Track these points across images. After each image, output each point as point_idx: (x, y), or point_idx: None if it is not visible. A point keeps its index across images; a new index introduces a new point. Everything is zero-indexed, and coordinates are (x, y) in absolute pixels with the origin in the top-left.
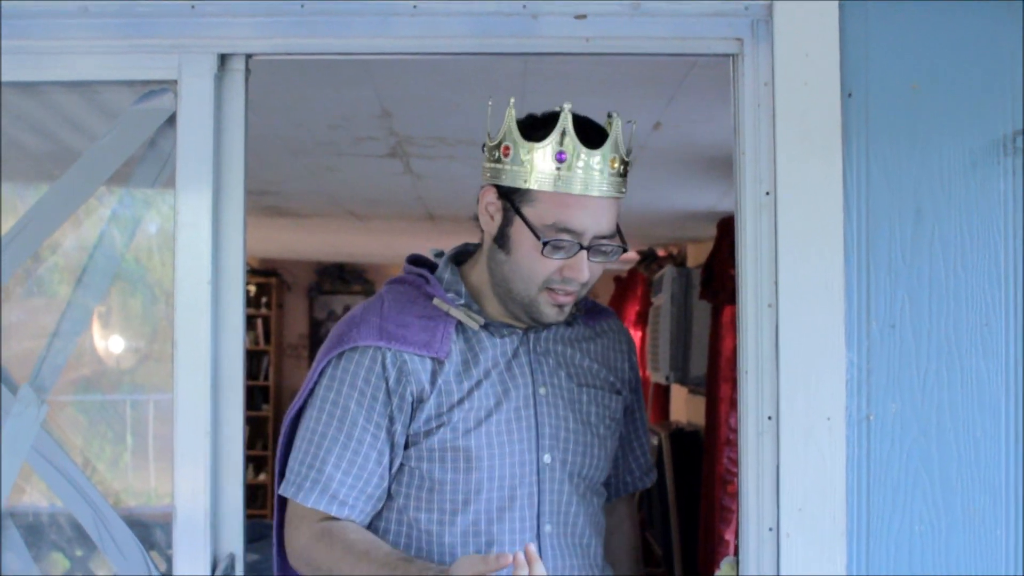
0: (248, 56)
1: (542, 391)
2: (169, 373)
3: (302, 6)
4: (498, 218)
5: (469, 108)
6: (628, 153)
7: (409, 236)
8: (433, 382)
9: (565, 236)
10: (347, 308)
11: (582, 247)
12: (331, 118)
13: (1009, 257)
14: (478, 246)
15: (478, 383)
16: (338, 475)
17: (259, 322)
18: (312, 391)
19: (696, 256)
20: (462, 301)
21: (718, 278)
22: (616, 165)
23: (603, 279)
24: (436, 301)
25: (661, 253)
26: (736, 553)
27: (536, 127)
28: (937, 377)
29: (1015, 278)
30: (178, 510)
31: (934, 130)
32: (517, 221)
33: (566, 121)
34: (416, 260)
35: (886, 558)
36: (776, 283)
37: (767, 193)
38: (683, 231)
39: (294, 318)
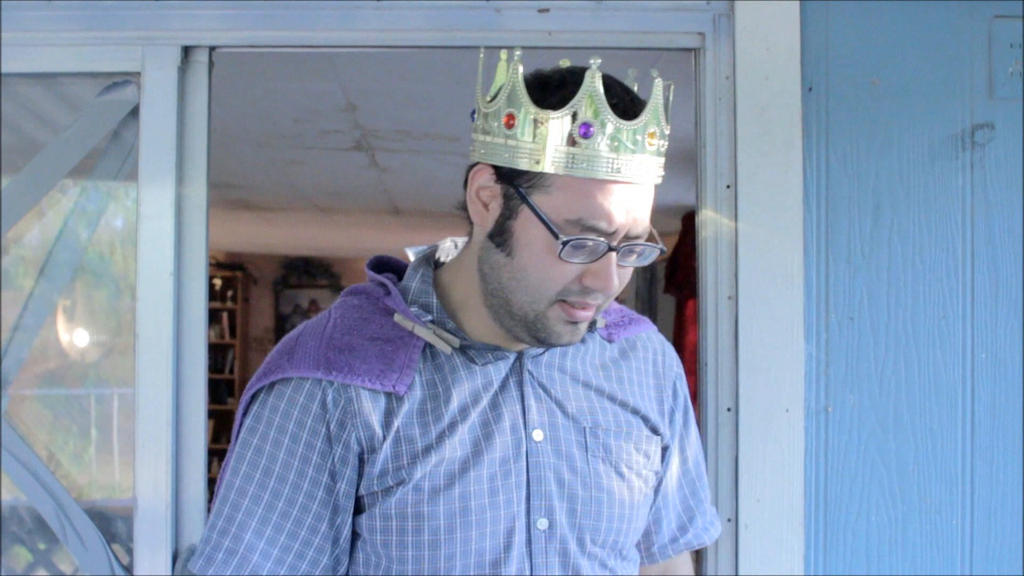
0: (212, 48)
1: (537, 436)
2: (133, 367)
3: None
4: (495, 208)
5: (434, 101)
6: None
7: (375, 230)
8: (388, 425)
9: (591, 235)
10: (313, 302)
11: (611, 248)
12: (296, 111)
13: (967, 251)
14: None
15: (450, 426)
16: (260, 544)
17: (224, 316)
18: (237, 434)
19: None
20: (430, 317)
21: (682, 272)
22: (655, 141)
23: None
24: (398, 317)
25: None
26: None
27: (550, 89)
28: (895, 369)
29: (972, 272)
30: (139, 503)
31: (893, 124)
32: (524, 213)
33: (594, 83)
34: (380, 264)
35: (843, 548)
36: (736, 275)
37: (727, 186)
38: None
39: (260, 312)
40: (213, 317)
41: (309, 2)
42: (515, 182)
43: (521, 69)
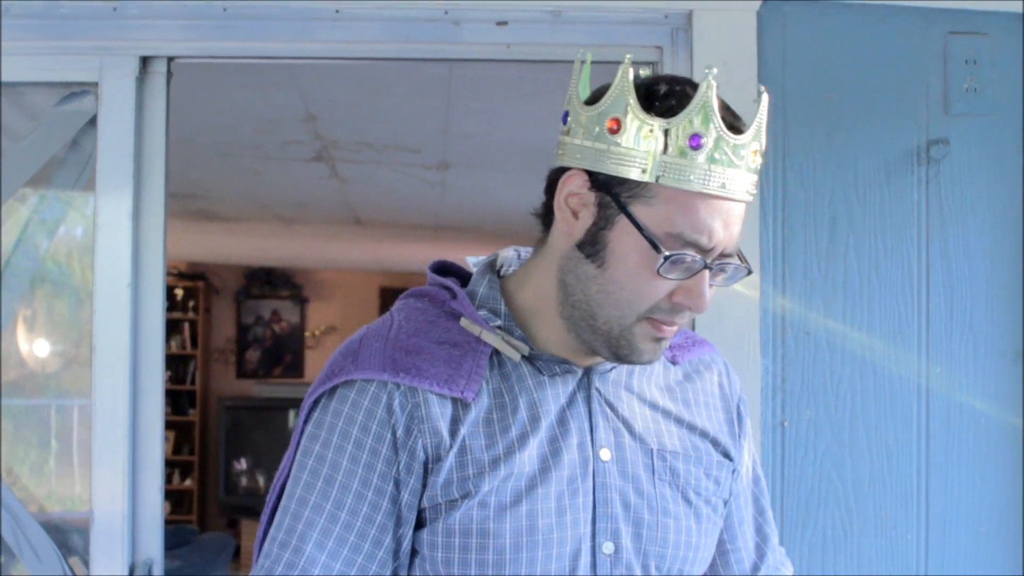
0: (170, 59)
1: (604, 455)
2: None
3: (224, 9)
4: (587, 216)
5: (395, 113)
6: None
7: (337, 241)
8: (454, 433)
9: (691, 252)
10: (275, 312)
11: (707, 266)
12: (257, 122)
13: (922, 266)
14: (529, 253)
15: (519, 439)
16: (322, 557)
17: (186, 326)
18: (298, 443)
19: None
20: (499, 322)
21: None
22: (757, 159)
23: None
24: (464, 322)
25: None
26: None
27: (660, 97)
28: (851, 384)
29: (927, 286)
30: (95, 515)
31: (850, 140)
32: (621, 223)
33: (708, 93)
34: (442, 268)
35: (799, 562)
36: None
37: None
38: None
39: (222, 322)
40: (174, 328)
41: (268, 13)
42: (614, 191)
43: (632, 74)
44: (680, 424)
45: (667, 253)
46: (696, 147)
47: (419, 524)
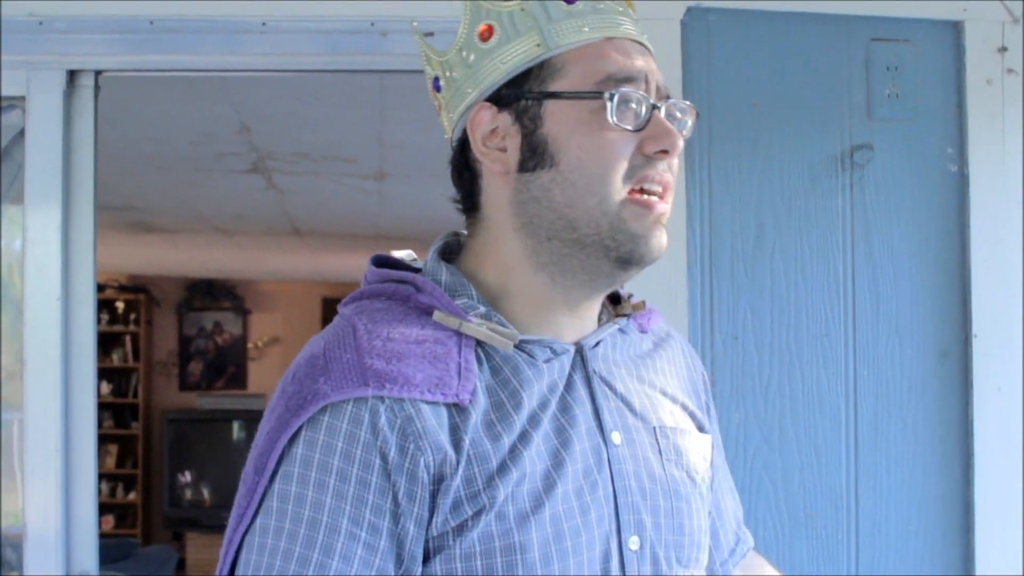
0: (97, 72)
1: (615, 438)
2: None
3: (151, 23)
4: (514, 136)
5: (330, 123)
6: None
7: (278, 252)
8: (457, 444)
9: (628, 87)
10: (217, 324)
11: (654, 106)
12: (191, 134)
13: (847, 269)
14: (464, 237)
15: (522, 437)
16: None
17: (128, 339)
18: (265, 490)
19: None
20: (481, 310)
21: None
22: (632, 12)
23: None
24: (438, 315)
25: None
26: None
27: None
28: (779, 386)
29: (853, 290)
30: (29, 529)
31: (775, 145)
32: (550, 109)
33: None
34: (385, 262)
35: None
36: None
37: None
38: None
39: (164, 335)
40: (116, 340)
41: (195, 26)
42: (524, 88)
43: None
44: (666, 396)
45: (610, 92)
46: (571, 0)
47: (427, 556)
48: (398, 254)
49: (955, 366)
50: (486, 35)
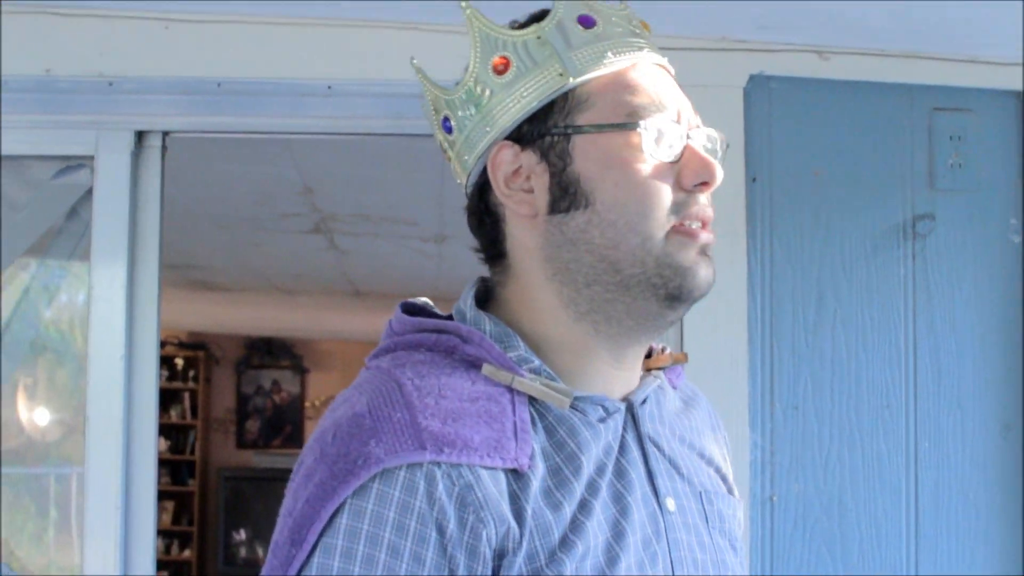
0: (165, 133)
1: (669, 504)
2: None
3: (218, 85)
4: (541, 175)
5: (391, 185)
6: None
7: (337, 312)
8: (519, 515)
9: (658, 116)
10: (275, 383)
11: (688, 136)
12: (254, 194)
13: (909, 340)
14: (491, 284)
15: (583, 505)
16: None
17: (186, 396)
18: (303, 564)
19: None
20: (535, 363)
21: None
22: (649, 34)
23: None
24: (487, 369)
25: None
26: None
27: (520, 20)
28: (839, 458)
29: (914, 361)
30: None
31: (836, 215)
32: (580, 146)
33: None
34: (414, 310)
35: None
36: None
37: None
38: None
39: (222, 392)
40: (174, 397)
41: (261, 89)
42: (548, 123)
43: (477, 19)
44: (703, 458)
45: (642, 122)
46: (590, 23)
47: None
48: (418, 301)
49: (1018, 439)
50: (502, 68)
